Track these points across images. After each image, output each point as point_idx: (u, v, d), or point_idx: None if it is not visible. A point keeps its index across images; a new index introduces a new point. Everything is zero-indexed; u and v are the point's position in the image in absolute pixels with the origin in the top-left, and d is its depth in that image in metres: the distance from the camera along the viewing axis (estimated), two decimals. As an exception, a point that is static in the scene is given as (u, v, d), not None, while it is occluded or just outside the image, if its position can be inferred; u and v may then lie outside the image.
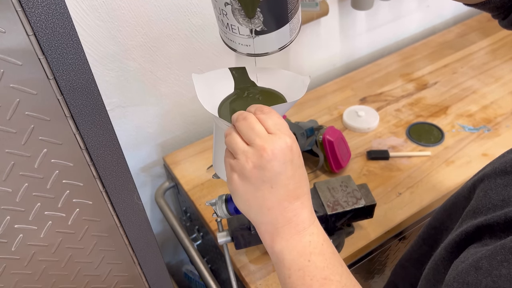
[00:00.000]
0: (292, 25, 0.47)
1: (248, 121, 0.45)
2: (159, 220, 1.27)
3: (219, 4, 0.44)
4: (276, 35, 0.46)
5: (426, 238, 0.70)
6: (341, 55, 1.34)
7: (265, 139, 0.44)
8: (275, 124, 0.45)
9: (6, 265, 0.47)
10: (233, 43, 0.48)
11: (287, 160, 0.45)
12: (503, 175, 0.51)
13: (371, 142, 1.07)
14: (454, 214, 0.63)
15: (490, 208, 0.49)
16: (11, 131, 0.39)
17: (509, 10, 0.53)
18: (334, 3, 1.20)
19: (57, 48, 0.37)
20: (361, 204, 0.79)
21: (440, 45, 1.39)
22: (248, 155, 0.45)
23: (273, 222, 0.46)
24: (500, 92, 1.19)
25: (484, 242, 0.46)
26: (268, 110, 0.46)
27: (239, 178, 0.46)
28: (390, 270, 1.04)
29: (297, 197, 0.46)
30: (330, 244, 0.48)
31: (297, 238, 0.46)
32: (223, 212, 0.66)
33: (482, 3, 0.53)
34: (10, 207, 0.43)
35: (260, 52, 0.47)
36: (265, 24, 0.44)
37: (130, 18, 0.89)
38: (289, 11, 0.45)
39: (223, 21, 0.46)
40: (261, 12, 0.43)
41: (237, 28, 0.45)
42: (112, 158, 0.46)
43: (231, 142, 0.46)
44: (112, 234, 0.53)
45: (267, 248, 0.48)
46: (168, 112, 1.08)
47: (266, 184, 0.45)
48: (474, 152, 1.02)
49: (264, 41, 0.46)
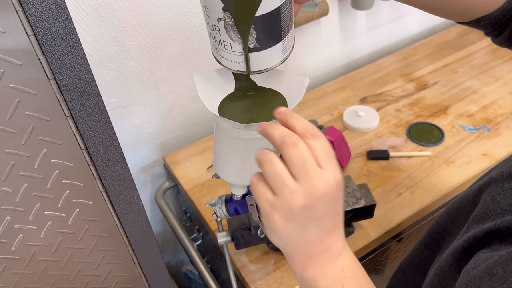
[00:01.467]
0: (285, 44, 0.46)
1: (299, 151, 0.40)
2: (159, 220, 1.27)
3: (212, 20, 0.44)
4: (268, 52, 0.45)
5: (428, 243, 0.70)
6: (341, 55, 1.34)
7: (318, 176, 0.40)
8: (326, 155, 0.41)
9: (6, 265, 0.47)
10: (225, 60, 0.47)
11: (336, 196, 0.42)
12: (510, 179, 0.51)
13: (371, 142, 1.07)
14: (458, 219, 0.63)
15: (499, 213, 0.49)
16: (11, 131, 0.39)
17: (503, 26, 0.53)
18: (334, 3, 1.20)
19: (57, 48, 0.37)
20: (361, 204, 0.79)
21: (440, 45, 1.39)
22: (297, 194, 0.40)
23: (309, 252, 0.44)
24: (500, 92, 1.19)
25: (494, 247, 0.46)
26: (317, 134, 0.42)
27: (283, 219, 0.41)
28: (390, 270, 1.04)
29: (337, 228, 0.44)
30: (358, 264, 0.47)
31: (331, 265, 0.44)
32: (223, 213, 0.66)
33: (477, 20, 0.53)
34: (10, 207, 0.43)
35: (252, 69, 0.47)
36: (258, 41, 0.44)
37: (130, 18, 0.89)
38: (283, 29, 0.45)
39: (215, 37, 0.45)
40: (254, 28, 0.43)
41: (230, 44, 0.45)
42: (112, 158, 0.46)
43: (275, 174, 0.41)
44: (112, 234, 0.53)
45: (295, 274, 0.46)
46: (168, 112, 1.08)
47: (311, 223, 0.42)
48: (474, 152, 1.02)
49: (256, 59, 0.46)
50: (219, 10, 0.42)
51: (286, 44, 0.47)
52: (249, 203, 0.63)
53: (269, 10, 0.42)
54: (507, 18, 0.52)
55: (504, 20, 0.52)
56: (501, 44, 0.56)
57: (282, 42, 0.46)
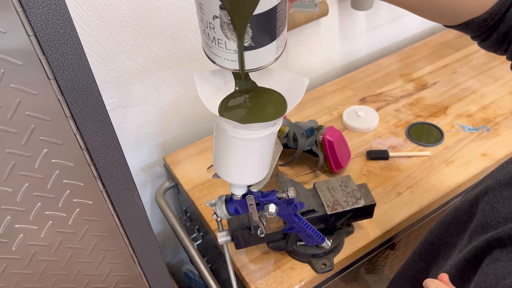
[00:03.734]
0: (279, 42, 0.46)
1: None
2: (159, 220, 1.27)
3: (207, 17, 0.43)
4: (263, 51, 0.45)
5: (422, 254, 0.70)
6: (341, 55, 1.34)
7: None
8: None
9: (6, 265, 0.47)
10: (218, 57, 0.47)
11: None
12: (508, 187, 0.51)
13: (370, 142, 1.07)
14: (454, 228, 0.63)
15: (500, 222, 0.49)
16: (12, 131, 0.39)
17: (491, 30, 0.53)
18: (334, 4, 1.20)
19: (58, 48, 0.37)
20: (361, 204, 0.79)
21: (440, 45, 1.40)
22: None
23: None
24: (499, 92, 1.19)
25: (495, 256, 0.46)
26: None
27: None
28: (389, 270, 1.04)
29: None
30: None
31: None
32: (223, 213, 0.66)
33: (465, 23, 0.53)
34: (10, 207, 0.43)
35: (246, 68, 0.47)
36: (253, 40, 0.44)
37: (130, 18, 0.89)
38: (278, 27, 0.45)
39: (209, 35, 0.45)
40: (250, 27, 0.43)
41: (224, 42, 0.44)
42: (112, 158, 0.46)
43: None
44: (112, 234, 0.53)
45: None
46: (168, 112, 1.08)
47: None
48: (474, 152, 1.02)
49: (250, 57, 0.46)
50: (216, 8, 0.42)
51: (280, 42, 0.47)
52: (249, 203, 0.63)
53: (266, 8, 0.42)
54: (495, 21, 0.51)
55: (492, 23, 0.52)
56: (489, 48, 0.56)
57: (276, 41, 0.46)
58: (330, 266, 0.81)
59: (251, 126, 0.48)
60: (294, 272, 0.82)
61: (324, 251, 0.82)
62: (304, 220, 0.71)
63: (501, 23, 0.51)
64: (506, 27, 0.51)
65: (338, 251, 0.84)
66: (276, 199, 0.64)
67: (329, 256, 0.83)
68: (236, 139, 0.51)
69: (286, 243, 0.82)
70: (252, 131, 0.49)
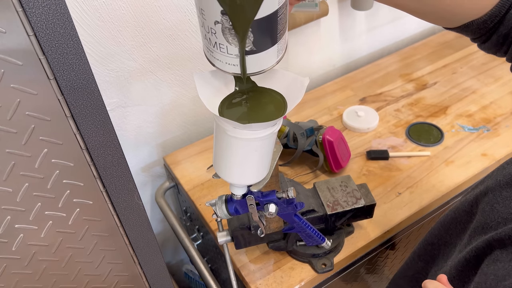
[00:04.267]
0: (280, 46, 0.46)
1: None
2: (159, 220, 1.27)
3: (208, 22, 0.43)
4: (264, 55, 0.45)
5: (422, 254, 0.70)
6: (341, 55, 1.34)
7: None
8: None
9: (6, 265, 0.47)
10: (219, 62, 0.47)
11: None
12: (508, 188, 0.51)
13: (370, 142, 1.07)
14: (454, 229, 0.63)
15: (500, 222, 0.49)
16: (12, 131, 0.39)
17: (490, 31, 0.53)
18: (334, 4, 1.20)
19: (58, 48, 0.37)
20: (361, 204, 0.79)
21: (440, 45, 1.40)
22: None
23: None
24: (499, 92, 1.19)
25: (495, 257, 0.46)
26: None
27: None
28: (389, 270, 1.04)
29: None
30: None
31: None
32: (223, 213, 0.66)
33: (465, 25, 0.53)
34: (10, 207, 0.43)
35: (248, 72, 0.47)
36: (254, 44, 0.44)
37: (130, 18, 0.89)
38: (279, 31, 0.45)
39: (210, 40, 0.45)
40: (252, 32, 0.43)
41: (226, 47, 0.44)
42: (112, 158, 0.46)
43: None
44: (113, 234, 0.53)
45: None
46: (168, 112, 1.09)
47: None
48: (474, 152, 1.02)
49: (251, 61, 0.46)
50: (217, 13, 0.42)
51: (281, 46, 0.47)
52: (249, 203, 0.63)
53: (268, 13, 0.42)
54: (495, 23, 0.51)
55: (492, 25, 0.51)
56: (489, 50, 0.55)
57: (277, 45, 0.46)
58: (330, 266, 0.81)
59: (251, 126, 0.48)
60: (294, 272, 0.82)
61: (324, 251, 0.82)
62: (304, 220, 0.71)
63: (501, 25, 0.51)
64: (505, 29, 0.51)
65: (338, 251, 0.84)
66: (276, 199, 0.64)
67: (329, 256, 0.83)
68: (236, 139, 0.51)
69: (286, 243, 0.82)
70: (252, 131, 0.49)
